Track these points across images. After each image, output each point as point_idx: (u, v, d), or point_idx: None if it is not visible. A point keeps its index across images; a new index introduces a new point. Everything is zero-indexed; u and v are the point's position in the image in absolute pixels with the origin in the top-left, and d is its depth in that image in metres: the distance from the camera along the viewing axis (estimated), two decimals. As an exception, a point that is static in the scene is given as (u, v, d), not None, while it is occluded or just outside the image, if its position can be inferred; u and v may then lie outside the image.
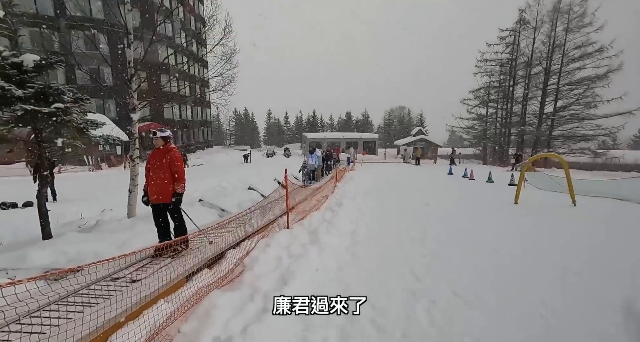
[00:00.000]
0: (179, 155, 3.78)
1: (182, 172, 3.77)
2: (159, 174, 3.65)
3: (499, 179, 15.02)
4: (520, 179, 8.26)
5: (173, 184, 3.69)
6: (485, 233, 5.50)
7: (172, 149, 3.79)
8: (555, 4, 25.89)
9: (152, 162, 3.76)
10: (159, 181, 3.64)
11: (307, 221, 5.74)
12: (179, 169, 3.72)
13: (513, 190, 11.74)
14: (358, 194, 9.75)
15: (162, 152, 3.75)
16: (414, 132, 41.12)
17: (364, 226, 6.01)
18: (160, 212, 3.77)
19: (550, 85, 27.49)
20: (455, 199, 9.52)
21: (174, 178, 3.69)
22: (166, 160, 3.68)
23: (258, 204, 4.75)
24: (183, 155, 23.75)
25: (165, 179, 3.65)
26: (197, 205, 7.31)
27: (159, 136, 3.76)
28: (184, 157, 23.58)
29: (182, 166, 3.80)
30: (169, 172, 3.66)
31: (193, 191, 11.52)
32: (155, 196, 3.67)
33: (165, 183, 3.65)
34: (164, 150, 3.77)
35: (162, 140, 3.78)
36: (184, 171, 3.81)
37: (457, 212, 7.30)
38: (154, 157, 3.76)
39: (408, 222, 6.35)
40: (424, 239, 5.18)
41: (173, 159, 3.69)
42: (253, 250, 3.74)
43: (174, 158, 3.71)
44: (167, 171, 3.66)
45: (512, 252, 4.42)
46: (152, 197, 3.69)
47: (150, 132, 3.77)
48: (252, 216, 5.09)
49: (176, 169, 3.68)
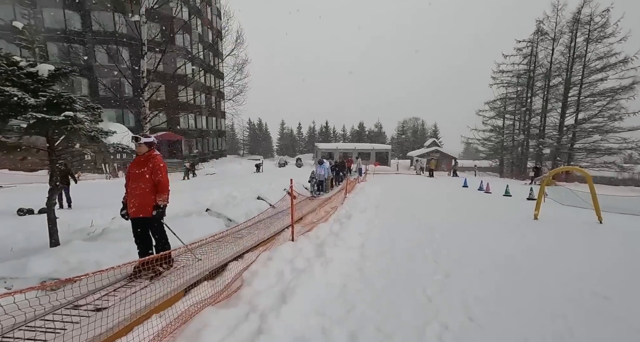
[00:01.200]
0: (162, 164, 3.45)
1: (166, 183, 3.43)
2: (139, 184, 3.32)
3: (517, 192, 14.43)
4: (540, 193, 7.84)
5: (155, 195, 3.35)
6: (503, 250, 5.15)
7: (154, 157, 3.44)
8: (575, 15, 25.37)
9: (132, 171, 3.41)
10: (139, 191, 3.31)
11: (313, 233, 5.55)
12: (162, 178, 3.38)
13: (532, 205, 11.22)
14: (368, 206, 9.49)
15: (143, 160, 3.41)
16: (428, 144, 40.62)
17: (374, 239, 5.77)
18: (140, 227, 3.42)
19: (571, 96, 26.67)
20: (470, 213, 9.12)
21: (156, 189, 3.36)
22: (148, 168, 3.34)
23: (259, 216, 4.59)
24: (191, 164, 24.05)
25: (146, 190, 3.31)
26: (205, 214, 7.27)
27: (143, 142, 3.41)
28: (192, 167, 23.84)
29: (166, 176, 3.45)
30: (150, 182, 3.33)
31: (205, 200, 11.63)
32: (134, 208, 3.32)
33: (145, 194, 3.31)
34: (146, 158, 3.42)
35: (146, 147, 3.43)
36: (167, 180, 3.47)
37: (473, 227, 6.94)
38: (135, 166, 3.41)
39: (420, 237, 6.06)
40: (438, 255, 4.89)
41: (155, 168, 3.35)
42: (254, 263, 3.57)
43: (157, 166, 3.37)
44: (149, 180, 3.32)
45: (534, 273, 4.08)
46: (131, 210, 3.34)
47: (133, 137, 3.44)
48: (254, 228, 4.95)
49: (159, 179, 3.34)
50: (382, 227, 6.83)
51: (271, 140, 74.24)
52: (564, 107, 27.06)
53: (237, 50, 8.91)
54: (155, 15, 7.17)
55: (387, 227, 6.89)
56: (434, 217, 8.16)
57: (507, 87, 32.90)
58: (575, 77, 26.32)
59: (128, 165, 3.49)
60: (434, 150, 36.03)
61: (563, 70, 27.22)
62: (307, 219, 6.97)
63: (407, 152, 50.98)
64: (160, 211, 3.35)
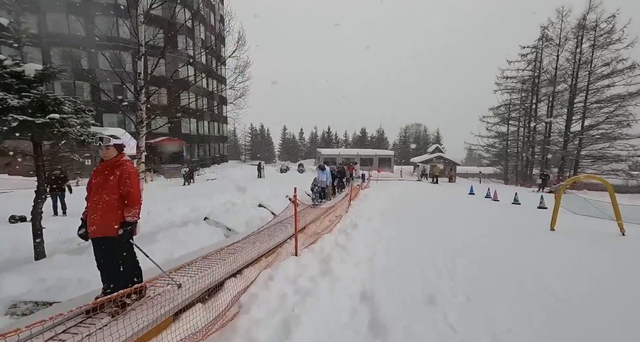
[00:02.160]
0: (133, 170, 2.82)
1: (137, 194, 2.77)
2: (102, 196, 2.67)
3: (526, 200, 13.97)
4: (557, 202, 7.42)
5: (122, 209, 2.71)
6: (524, 265, 4.74)
7: (124, 163, 2.81)
8: (580, 21, 25.16)
9: (95, 180, 2.77)
10: (102, 205, 2.65)
11: (318, 246, 5.16)
12: (133, 189, 2.73)
13: (543, 213, 10.80)
14: (374, 215, 9.09)
15: (109, 166, 2.76)
16: (431, 150, 40.25)
17: (382, 252, 5.36)
18: (103, 249, 2.71)
19: (577, 103, 26.31)
20: (481, 222, 8.70)
21: (124, 202, 2.72)
22: (115, 177, 2.70)
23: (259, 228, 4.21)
24: (189, 170, 23.50)
25: (112, 203, 2.66)
26: (203, 223, 6.88)
27: (112, 144, 2.76)
28: (189, 173, 23.29)
29: (137, 185, 2.83)
30: (117, 193, 2.69)
31: (204, 207, 11.26)
32: (95, 226, 2.64)
33: (110, 208, 2.65)
34: (113, 164, 2.77)
35: (115, 150, 2.81)
36: (139, 192, 2.85)
37: (486, 238, 6.52)
38: (99, 173, 2.77)
39: (431, 249, 5.65)
40: (453, 271, 4.48)
41: (124, 176, 2.71)
42: (253, 284, 3.18)
43: (126, 174, 2.72)
44: (115, 191, 2.68)
45: (567, 293, 3.67)
46: (91, 229, 2.66)
47: (98, 138, 2.76)
48: (255, 240, 4.56)
49: (128, 189, 2.70)
50: (389, 238, 6.42)
51: (273, 146, 74.10)
52: (570, 113, 26.69)
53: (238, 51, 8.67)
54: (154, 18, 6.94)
55: (395, 238, 6.49)
56: (443, 226, 7.75)
57: (511, 93, 32.64)
58: (581, 83, 26.00)
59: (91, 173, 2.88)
60: (437, 156, 35.60)
61: (568, 76, 26.93)
62: (310, 229, 6.58)
63: (410, 158, 50.59)
64: (128, 230, 2.68)
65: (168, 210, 10.77)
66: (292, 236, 4.53)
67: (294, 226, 4.33)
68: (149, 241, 5.34)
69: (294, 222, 4.28)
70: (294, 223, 4.30)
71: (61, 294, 2.99)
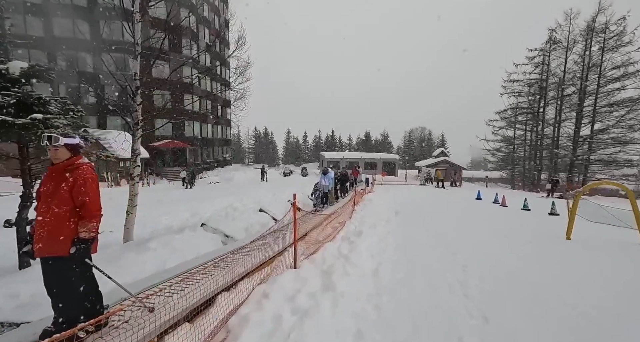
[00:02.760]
0: (90, 176, 2.29)
1: (94, 205, 2.25)
2: (50, 207, 2.18)
3: (536, 206, 13.49)
4: (573, 209, 7.01)
5: (76, 223, 2.21)
6: (544, 279, 4.35)
7: (79, 166, 2.29)
8: (589, 23, 24.70)
9: (44, 188, 2.28)
10: (51, 218, 2.17)
11: (319, 256, 4.82)
12: (89, 198, 2.22)
13: (556, 220, 10.35)
14: (379, 221, 8.73)
15: (60, 171, 2.25)
16: (436, 154, 39.75)
17: (388, 263, 5.01)
18: (51, 272, 2.23)
19: (587, 106, 25.75)
20: (491, 229, 8.29)
21: (79, 214, 2.23)
22: (67, 183, 2.20)
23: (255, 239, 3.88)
24: (190, 173, 23.12)
25: (62, 216, 2.17)
26: (200, 230, 6.58)
27: (61, 144, 2.26)
28: (189, 176, 22.89)
29: (96, 194, 2.31)
30: (68, 203, 2.19)
31: (204, 211, 10.98)
32: (41, 243, 2.17)
33: (59, 222, 2.16)
34: (65, 168, 2.26)
35: (67, 152, 2.30)
36: (97, 201, 2.30)
37: (499, 248, 6.13)
38: (48, 179, 2.28)
39: (440, 259, 5.29)
40: (466, 285, 4.11)
41: (78, 182, 2.21)
42: (244, 304, 2.84)
43: (81, 180, 2.22)
44: (66, 201, 2.18)
45: (598, 313, 3.29)
46: (36, 246, 2.18)
47: (46, 136, 2.24)
48: (250, 250, 4.24)
49: (83, 199, 2.20)
50: (396, 247, 6.07)
51: (277, 149, 73.98)
52: (579, 117, 26.13)
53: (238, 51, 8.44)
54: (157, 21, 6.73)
55: (401, 246, 6.13)
56: (451, 234, 7.37)
57: (517, 96, 32.14)
58: (591, 87, 25.46)
59: None
60: (442, 160, 35.11)
61: (577, 79, 26.41)
62: (311, 237, 6.25)
63: (414, 162, 50.10)
64: (82, 248, 2.17)
65: (167, 214, 10.52)
66: (291, 245, 4.19)
67: (293, 235, 3.99)
68: (141, 249, 5.06)
69: (293, 232, 3.95)
70: (293, 232, 3.96)
71: (33, 313, 2.69)
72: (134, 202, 6.21)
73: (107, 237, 6.70)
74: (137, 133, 6.17)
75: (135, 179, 6.22)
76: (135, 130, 6.16)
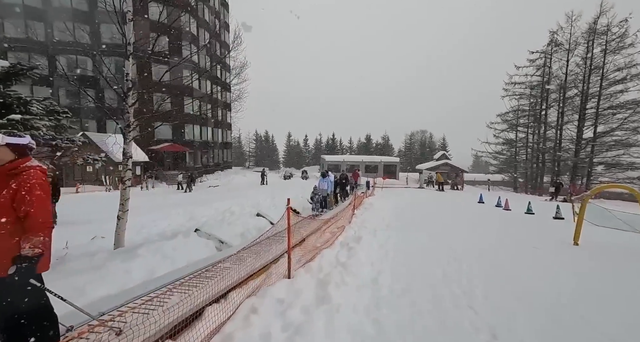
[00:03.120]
0: (37, 181, 1.92)
1: (40, 216, 1.87)
2: None
3: (540, 210, 13.21)
4: (581, 214, 6.75)
5: (19, 238, 1.85)
6: (554, 290, 4.09)
7: (25, 170, 1.94)
8: (591, 25, 24.56)
9: None
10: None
11: (316, 264, 4.58)
12: (33, 208, 1.85)
13: (561, 225, 10.08)
14: (379, 226, 8.49)
15: (3, 176, 1.91)
16: (437, 157, 39.50)
17: (388, 271, 4.76)
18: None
19: (589, 108, 25.53)
20: (495, 234, 8.04)
21: (23, 226, 1.86)
22: (8, 191, 1.86)
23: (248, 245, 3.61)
24: (189, 177, 22.82)
25: (2, 229, 1.82)
26: (193, 235, 6.34)
27: (2, 143, 1.93)
28: (188, 179, 22.59)
29: (44, 202, 1.92)
30: (10, 214, 1.84)
31: (201, 215, 10.75)
32: None
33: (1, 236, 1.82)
34: (7, 173, 1.92)
35: (8, 153, 1.96)
36: (45, 212, 1.91)
37: (504, 255, 5.88)
38: None
39: (444, 267, 5.04)
40: (472, 296, 3.86)
41: (21, 190, 1.86)
42: (229, 320, 2.60)
43: (25, 187, 1.87)
44: (8, 211, 1.84)
45: (617, 332, 3.04)
46: None
47: None
48: (241, 258, 4.00)
49: (27, 209, 1.84)
50: (396, 254, 5.82)
51: (277, 152, 73.85)
52: (581, 119, 25.88)
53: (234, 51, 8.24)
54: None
55: (402, 253, 5.88)
56: (454, 239, 7.11)
57: (519, 99, 31.94)
58: (593, 89, 25.26)
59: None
60: (444, 163, 34.85)
61: (579, 81, 26.21)
62: (309, 243, 6.00)
63: (415, 165, 49.82)
64: (24, 267, 1.77)
65: (163, 219, 10.28)
66: (285, 252, 3.94)
67: (287, 243, 3.75)
68: (129, 256, 4.82)
69: (287, 239, 3.71)
70: (287, 240, 3.72)
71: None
72: (125, 207, 5.99)
73: (97, 244, 6.48)
74: (128, 135, 5.97)
75: (127, 183, 6.00)
76: (127, 133, 5.96)
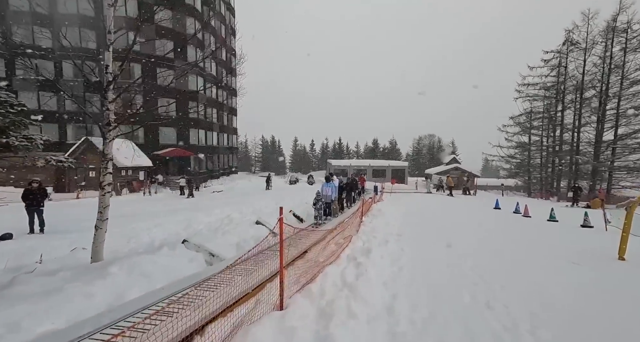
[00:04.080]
0: None
1: None
2: None
3: (562, 216, 12.14)
4: (627, 223, 5.80)
5: None
6: (615, 320, 3.23)
7: None
8: (610, 23, 23.43)
9: None
10: None
11: (317, 286, 3.79)
12: None
13: (592, 234, 9.06)
14: (390, 235, 7.66)
15: None
16: (447, 161, 38.39)
17: (405, 295, 3.94)
18: None
19: (609, 109, 24.26)
20: (523, 246, 7.12)
21: None
22: None
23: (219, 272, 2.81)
24: (189, 181, 22.29)
25: None
26: (180, 248, 5.60)
27: None
28: (190, 183, 22.07)
29: None
30: None
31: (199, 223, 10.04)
32: None
33: None
34: None
35: None
36: None
37: (541, 272, 4.99)
38: None
39: (471, 289, 4.19)
40: (517, 334, 3.02)
41: None
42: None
43: None
44: None
45: None
46: None
47: None
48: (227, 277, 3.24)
49: None
50: (412, 270, 4.99)
51: (284, 157, 73.36)
52: (600, 121, 24.59)
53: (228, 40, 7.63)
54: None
55: (418, 269, 5.05)
56: (477, 252, 6.24)
57: (532, 101, 30.74)
58: (613, 89, 24.01)
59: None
60: (454, 167, 33.72)
61: (597, 81, 24.98)
62: (309, 257, 5.21)
63: (424, 169, 48.63)
64: None
65: (158, 226, 9.61)
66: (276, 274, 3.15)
67: (279, 265, 2.95)
68: (97, 275, 4.10)
69: (279, 261, 2.92)
70: (279, 262, 2.93)
71: None
72: (104, 216, 5.31)
73: (77, 256, 5.79)
74: (108, 135, 5.32)
75: (106, 188, 5.33)
76: (107, 132, 5.30)
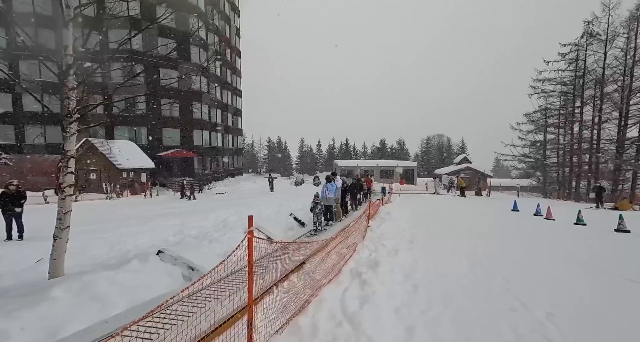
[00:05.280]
0: None
1: None
2: None
3: (590, 220, 10.96)
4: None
5: None
6: None
7: None
8: (633, 13, 22.02)
9: None
10: None
11: (307, 319, 2.90)
12: None
13: (630, 240, 7.97)
14: (401, 243, 6.72)
15: None
16: (458, 160, 37.09)
17: (424, 327, 3.03)
18: None
19: (633, 104, 22.80)
20: (556, 255, 6.09)
21: None
22: None
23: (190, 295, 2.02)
24: (190, 184, 21.70)
25: None
26: (153, 260, 4.75)
27: None
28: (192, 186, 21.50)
29: None
30: None
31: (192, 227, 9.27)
32: None
33: None
34: None
35: None
36: None
37: (592, 293, 4.00)
38: None
39: (511, 319, 3.25)
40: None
41: None
42: None
43: None
44: None
45: None
46: None
47: None
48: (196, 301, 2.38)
49: None
50: (430, 290, 4.05)
51: (290, 159, 72.66)
52: (623, 117, 23.13)
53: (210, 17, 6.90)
54: None
55: (438, 288, 4.12)
56: (505, 264, 5.27)
57: (547, 97, 29.32)
58: (637, 83, 22.57)
59: None
60: (465, 167, 32.41)
61: (619, 75, 23.54)
62: (304, 273, 4.32)
63: (433, 170, 47.23)
64: None
65: (148, 232, 8.85)
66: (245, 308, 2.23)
67: (248, 300, 2.05)
68: (33, 300, 3.27)
69: (248, 292, 2.03)
70: (248, 291, 2.04)
71: None
72: (64, 223, 4.53)
73: (40, 269, 5.04)
74: (69, 128, 4.53)
75: (67, 190, 4.54)
76: (67, 125, 4.52)
